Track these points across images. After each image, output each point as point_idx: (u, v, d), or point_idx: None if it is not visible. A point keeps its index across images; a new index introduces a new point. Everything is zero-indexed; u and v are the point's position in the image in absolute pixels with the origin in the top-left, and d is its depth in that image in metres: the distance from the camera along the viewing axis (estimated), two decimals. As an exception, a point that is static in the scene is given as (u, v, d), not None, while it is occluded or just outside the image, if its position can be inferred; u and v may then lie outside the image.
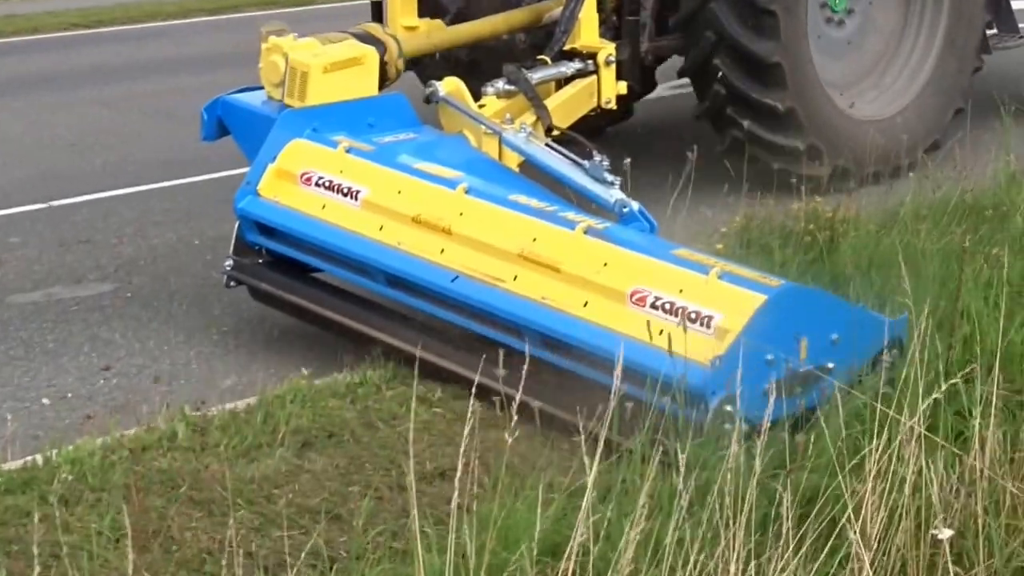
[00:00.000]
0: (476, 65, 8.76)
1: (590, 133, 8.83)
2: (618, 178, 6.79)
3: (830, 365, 5.13)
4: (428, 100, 7.54)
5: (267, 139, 7.02)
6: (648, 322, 5.46)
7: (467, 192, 6.37)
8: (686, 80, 9.82)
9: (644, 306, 5.57)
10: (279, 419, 5.72)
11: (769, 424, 4.44)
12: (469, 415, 3.87)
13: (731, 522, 3.92)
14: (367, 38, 7.59)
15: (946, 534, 3.98)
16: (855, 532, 3.97)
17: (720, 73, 8.82)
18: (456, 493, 3.89)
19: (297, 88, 7.12)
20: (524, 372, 4.55)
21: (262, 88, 7.41)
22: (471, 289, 6.08)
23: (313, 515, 4.88)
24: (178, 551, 4.59)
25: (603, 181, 6.74)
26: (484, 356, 5.78)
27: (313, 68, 7.09)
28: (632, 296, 5.63)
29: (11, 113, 12.83)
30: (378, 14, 8.89)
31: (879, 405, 4.55)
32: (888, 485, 4.20)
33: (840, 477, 4.28)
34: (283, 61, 7.17)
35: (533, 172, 7.11)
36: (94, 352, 6.93)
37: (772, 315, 5.30)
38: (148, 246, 8.61)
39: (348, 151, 6.81)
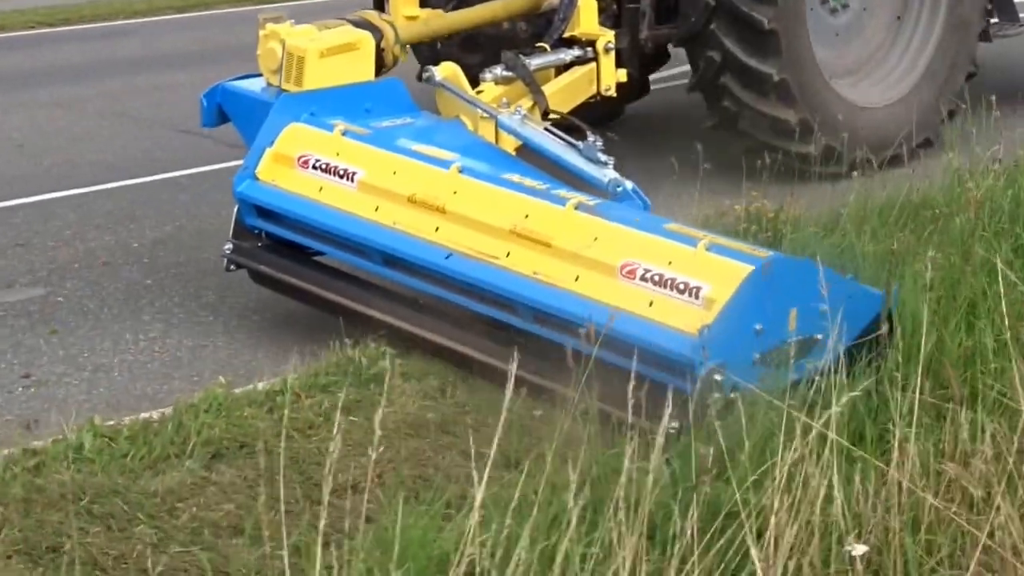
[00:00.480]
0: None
1: (609, 116, 9.51)
2: (612, 158, 6.82)
3: (818, 336, 5.15)
4: (420, 78, 7.64)
5: (265, 123, 7.09)
6: (637, 294, 5.56)
7: (460, 171, 6.41)
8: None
9: (634, 279, 5.61)
10: (191, 429, 5.54)
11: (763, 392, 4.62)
12: (377, 425, 3.75)
13: (624, 539, 3.76)
14: (363, 24, 7.61)
15: (859, 551, 3.83)
16: (756, 548, 3.77)
17: (716, 39, 8.94)
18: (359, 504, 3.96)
19: (294, 73, 7.15)
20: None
21: (260, 76, 7.43)
22: (465, 266, 6.12)
23: (216, 529, 4.74)
24: (70, 567, 4.41)
25: (597, 161, 6.77)
26: (476, 332, 6.13)
27: (310, 53, 7.12)
28: (622, 269, 5.66)
29: None
30: (379, 4, 8.97)
31: (786, 408, 4.34)
32: (794, 498, 3.98)
33: (740, 489, 4.09)
34: (280, 47, 7.19)
35: (531, 157, 7.13)
36: (16, 359, 6.78)
37: (760, 285, 5.32)
38: (85, 249, 8.43)
39: (344, 134, 6.85)
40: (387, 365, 5.86)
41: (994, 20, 10.02)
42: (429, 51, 8.79)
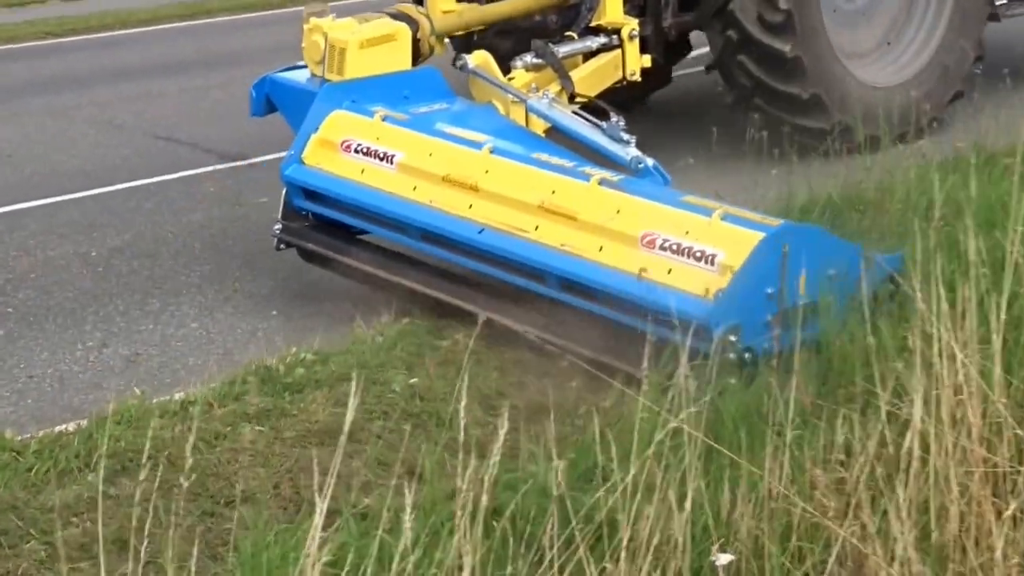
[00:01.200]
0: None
1: (633, 102, 9.50)
2: (634, 137, 6.91)
3: (828, 298, 5.23)
4: (455, 64, 7.78)
5: (310, 111, 7.20)
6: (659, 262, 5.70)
7: (492, 152, 6.53)
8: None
9: (654, 248, 5.70)
10: (99, 442, 5.14)
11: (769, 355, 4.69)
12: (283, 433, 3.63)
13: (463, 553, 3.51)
14: (401, 17, 7.74)
15: (724, 559, 3.62)
16: (611, 561, 3.58)
17: (734, 19, 9.00)
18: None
19: (336, 63, 7.29)
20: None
21: (303, 67, 7.60)
22: (497, 240, 6.25)
23: (106, 544, 4.32)
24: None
25: (619, 140, 6.85)
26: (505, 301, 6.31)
27: (351, 44, 7.27)
28: (643, 239, 5.75)
29: None
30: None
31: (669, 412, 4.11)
32: (653, 501, 3.72)
33: (611, 494, 3.85)
34: (323, 40, 7.35)
35: (560, 138, 7.22)
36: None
37: (771, 252, 5.39)
38: (45, 258, 8.23)
39: (384, 120, 6.98)
40: (303, 373, 5.87)
41: (1002, 1, 10.00)
42: (464, 40, 8.88)
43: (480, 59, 7.66)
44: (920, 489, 3.73)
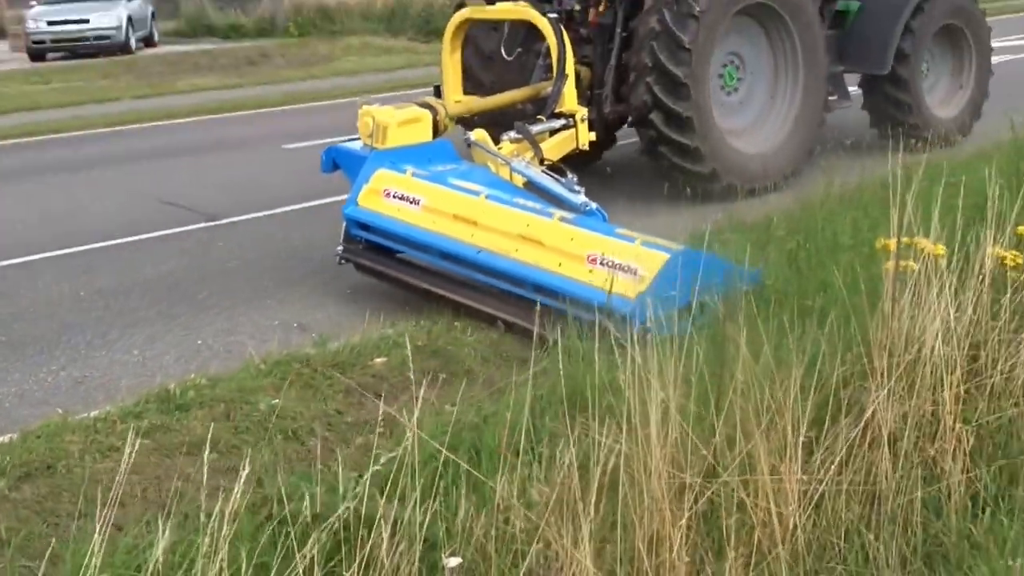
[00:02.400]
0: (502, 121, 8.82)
1: (589, 160, 9.54)
2: (583, 188, 6.98)
3: (711, 300, 5.20)
4: (467, 143, 7.67)
5: (362, 170, 7.24)
6: (598, 273, 5.79)
7: (487, 198, 6.61)
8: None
9: (596, 264, 5.84)
10: (14, 451, 4.77)
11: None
12: (129, 444, 3.15)
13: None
14: (425, 105, 7.77)
15: (453, 563, 3.21)
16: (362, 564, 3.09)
17: (653, 124, 8.96)
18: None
19: (381, 137, 7.34)
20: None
21: (358, 139, 7.58)
22: (490, 258, 6.35)
23: None
24: None
25: (573, 190, 6.93)
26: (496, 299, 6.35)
27: (391, 124, 7.32)
28: (588, 258, 5.89)
29: (15, 191, 11.44)
30: (438, 92, 9.05)
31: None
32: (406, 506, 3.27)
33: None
34: (372, 120, 7.36)
35: (533, 189, 7.17)
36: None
37: (673, 267, 5.51)
38: (45, 297, 7.64)
39: (413, 175, 7.02)
40: (193, 395, 5.36)
41: (832, 97, 10.12)
42: (468, 121, 8.82)
43: (479, 135, 7.66)
44: (618, 501, 3.28)
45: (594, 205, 6.79)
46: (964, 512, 3.66)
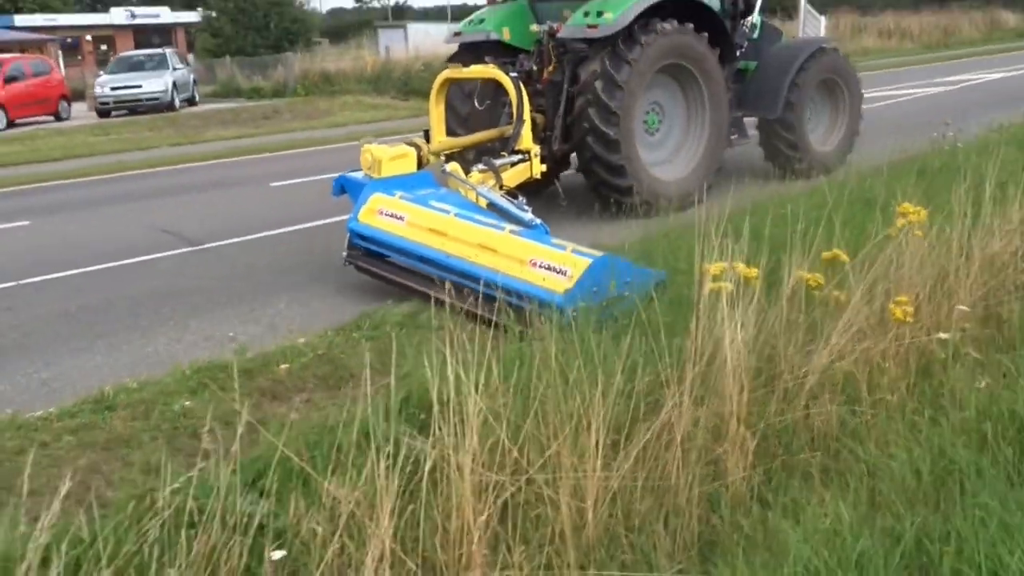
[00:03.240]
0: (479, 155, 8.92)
1: (543, 186, 9.54)
2: (530, 207, 7.14)
3: (626, 294, 5.29)
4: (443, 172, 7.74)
5: (362, 193, 7.37)
6: (538, 274, 5.86)
7: (456, 216, 6.71)
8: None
9: (536, 267, 5.92)
10: None
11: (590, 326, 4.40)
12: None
13: None
14: (411, 144, 7.93)
15: (277, 556, 2.93)
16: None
17: (590, 150, 9.07)
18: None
19: (376, 168, 7.46)
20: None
21: (359, 170, 7.70)
22: (456, 262, 6.42)
23: None
24: None
25: (523, 209, 7.09)
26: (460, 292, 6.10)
27: (385, 158, 7.46)
28: (530, 262, 5.99)
29: (47, 221, 11.13)
30: (427, 136, 9.13)
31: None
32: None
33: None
34: (370, 155, 7.49)
35: (493, 209, 7.18)
36: None
37: (595, 269, 5.60)
38: (43, 312, 7.25)
39: (401, 198, 7.13)
40: (123, 397, 5.06)
41: (734, 135, 10.36)
42: (449, 155, 8.89)
43: (453, 167, 7.78)
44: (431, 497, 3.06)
45: (538, 221, 6.88)
46: (741, 506, 3.41)
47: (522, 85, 8.62)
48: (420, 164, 7.87)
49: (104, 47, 46.49)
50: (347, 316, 6.58)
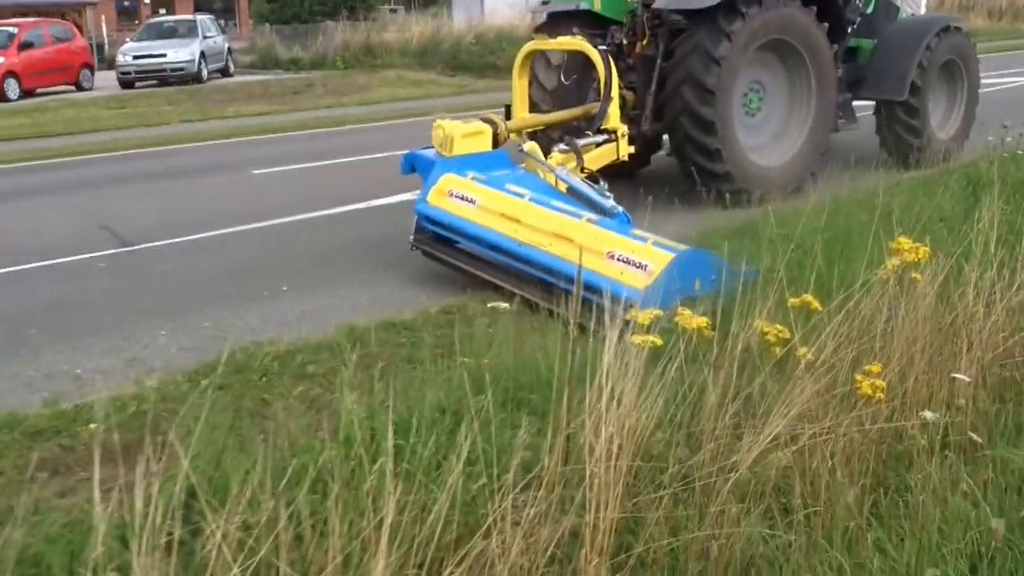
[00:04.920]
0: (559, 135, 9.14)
1: (628, 174, 9.64)
2: (612, 194, 7.22)
3: (709, 293, 5.13)
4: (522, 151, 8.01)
5: (432, 172, 7.55)
6: (617, 269, 5.84)
7: (530, 201, 6.85)
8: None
9: (614, 259, 5.99)
10: None
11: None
12: None
13: None
14: (487, 120, 7.99)
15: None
16: None
17: (684, 130, 9.07)
18: None
19: (448, 146, 7.59)
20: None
21: (431, 147, 7.79)
22: (530, 251, 6.54)
23: None
24: None
25: (604, 195, 7.19)
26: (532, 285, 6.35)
27: (457, 135, 7.61)
28: (607, 254, 6.05)
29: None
30: (508, 112, 9.30)
31: None
32: None
33: None
34: (442, 132, 7.64)
35: (572, 194, 7.18)
36: None
37: (678, 265, 5.65)
38: None
39: (473, 179, 7.31)
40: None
41: (841, 119, 10.35)
42: (531, 134, 9.08)
43: (531, 146, 7.98)
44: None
45: (620, 208, 7.02)
46: None
47: (612, 59, 8.81)
48: (496, 142, 8.03)
49: (163, 11, 46.18)
50: (213, 353, 5.91)
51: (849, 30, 10.34)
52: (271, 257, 8.39)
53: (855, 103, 10.78)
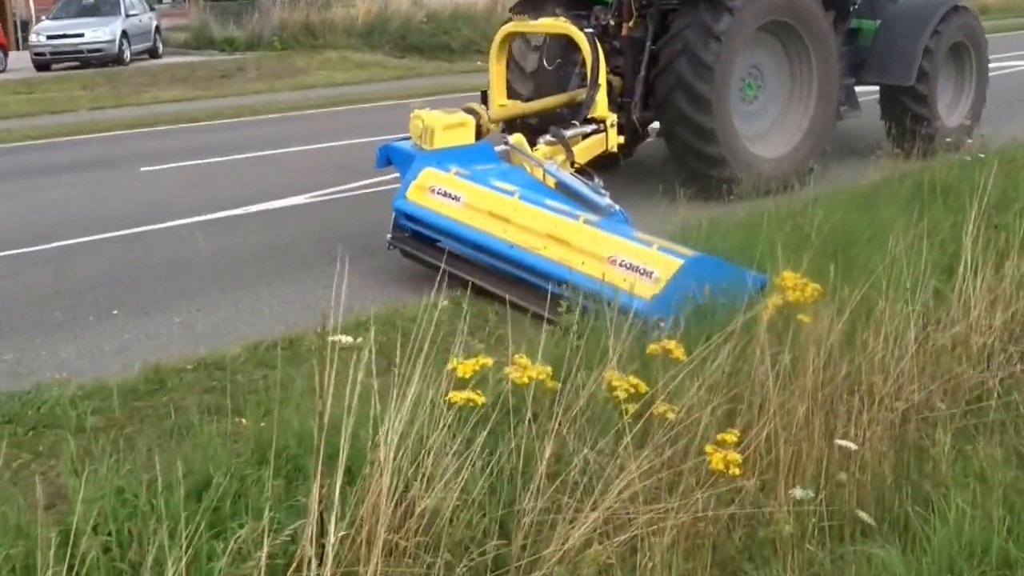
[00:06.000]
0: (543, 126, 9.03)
1: (614, 163, 9.52)
2: (608, 191, 7.33)
3: (722, 301, 5.09)
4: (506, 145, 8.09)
5: (411, 167, 7.60)
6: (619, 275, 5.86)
7: (520, 198, 6.88)
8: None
9: (616, 265, 5.99)
10: None
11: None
12: None
13: None
14: (469, 111, 8.12)
15: None
16: None
17: (678, 133, 9.40)
18: None
19: (428, 138, 7.66)
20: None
21: (409, 139, 7.89)
22: (520, 253, 6.60)
23: None
24: None
25: (599, 193, 7.28)
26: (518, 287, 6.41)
27: (438, 127, 7.66)
28: (609, 259, 6.07)
29: None
30: (484, 98, 9.43)
31: None
32: None
33: None
34: (421, 123, 7.70)
35: (562, 190, 7.28)
36: None
37: (687, 272, 5.66)
38: None
39: (456, 175, 7.35)
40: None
41: (843, 107, 10.58)
42: (509, 124, 9.29)
43: (517, 138, 8.13)
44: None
45: (617, 208, 7.08)
46: None
47: (598, 43, 8.91)
48: (479, 134, 8.16)
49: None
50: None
51: (851, 10, 10.53)
52: (117, 272, 8.18)
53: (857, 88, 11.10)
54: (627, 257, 6.00)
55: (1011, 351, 4.35)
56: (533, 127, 9.03)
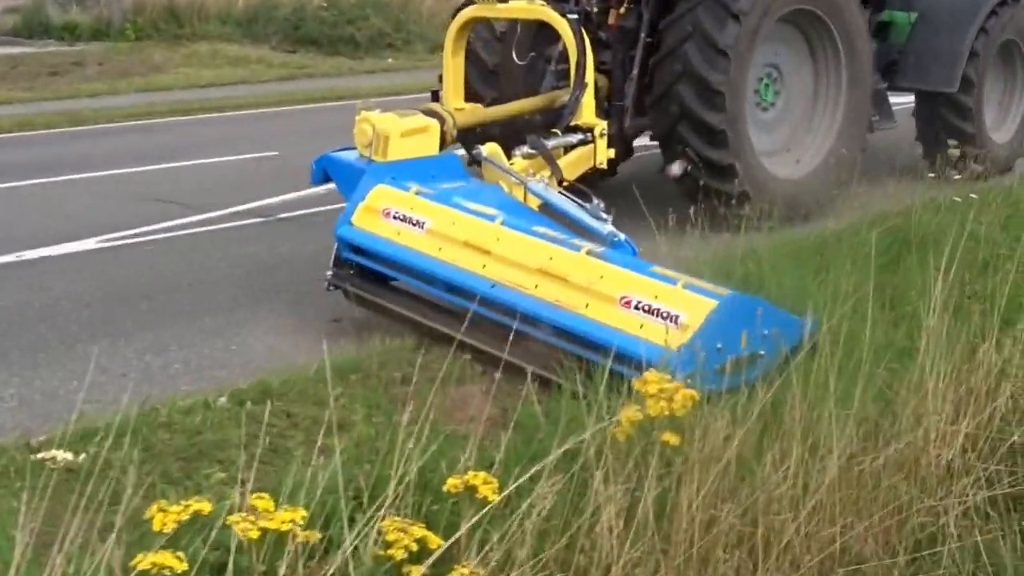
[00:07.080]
0: (505, 137, 8.75)
1: (589, 184, 8.98)
2: (610, 216, 7.06)
3: (762, 352, 5.11)
4: (473, 161, 7.79)
5: (358, 184, 7.32)
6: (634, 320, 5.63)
7: (502, 224, 6.63)
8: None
9: (629, 308, 5.76)
10: None
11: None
12: None
13: None
14: (432, 114, 7.88)
15: None
16: None
17: (682, 139, 9.07)
18: None
19: (381, 148, 7.37)
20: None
21: (354, 149, 7.57)
22: (505, 294, 6.33)
23: None
24: None
25: (599, 218, 7.02)
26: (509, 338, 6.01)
27: (393, 133, 7.38)
28: (621, 300, 5.82)
29: None
30: (436, 99, 9.11)
31: None
32: None
33: None
34: (371, 128, 7.39)
35: (549, 213, 7.09)
36: None
37: (721, 315, 5.45)
38: None
39: (417, 194, 7.10)
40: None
41: (875, 117, 10.34)
42: (467, 132, 8.87)
43: (491, 149, 7.79)
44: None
45: (622, 236, 6.91)
46: None
47: (584, 32, 8.65)
48: (443, 142, 7.92)
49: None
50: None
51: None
52: None
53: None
54: (645, 297, 5.74)
55: (979, 471, 3.80)
56: (494, 137, 8.70)
